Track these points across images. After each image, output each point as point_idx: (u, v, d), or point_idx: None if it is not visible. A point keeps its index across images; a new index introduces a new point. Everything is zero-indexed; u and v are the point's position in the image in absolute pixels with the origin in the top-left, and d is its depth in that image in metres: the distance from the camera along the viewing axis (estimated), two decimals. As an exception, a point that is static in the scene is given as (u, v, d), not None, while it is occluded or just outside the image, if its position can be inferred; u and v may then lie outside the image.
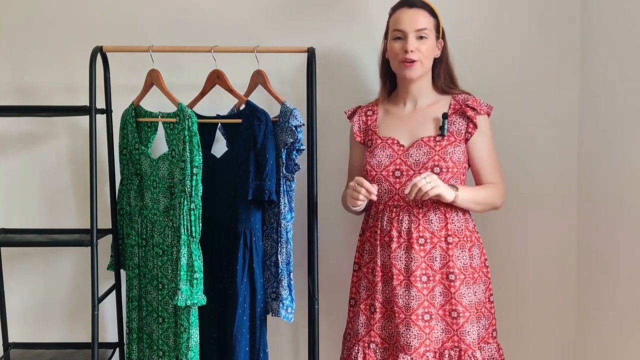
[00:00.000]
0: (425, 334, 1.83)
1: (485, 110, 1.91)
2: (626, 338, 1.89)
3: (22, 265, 2.28)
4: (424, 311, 1.83)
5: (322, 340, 2.00)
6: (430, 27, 1.85)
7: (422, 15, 1.85)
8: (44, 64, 2.21)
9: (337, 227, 2.23)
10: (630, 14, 1.86)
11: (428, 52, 1.85)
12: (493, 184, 1.92)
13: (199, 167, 1.84)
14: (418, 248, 1.84)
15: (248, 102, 1.93)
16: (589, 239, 2.14)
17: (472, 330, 1.85)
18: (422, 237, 1.85)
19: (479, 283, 1.90)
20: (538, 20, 2.17)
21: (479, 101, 1.91)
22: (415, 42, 1.83)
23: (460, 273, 1.85)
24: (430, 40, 1.85)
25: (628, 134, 1.87)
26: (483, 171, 1.92)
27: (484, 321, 1.91)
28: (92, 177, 1.93)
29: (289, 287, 1.94)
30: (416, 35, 1.83)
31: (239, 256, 1.88)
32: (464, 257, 1.86)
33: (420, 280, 1.83)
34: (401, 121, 1.92)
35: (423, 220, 1.85)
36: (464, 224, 1.88)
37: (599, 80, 2.06)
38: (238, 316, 1.87)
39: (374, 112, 1.98)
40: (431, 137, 1.87)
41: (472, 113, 1.87)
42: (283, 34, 2.17)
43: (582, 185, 2.19)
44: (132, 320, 2.06)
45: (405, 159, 1.87)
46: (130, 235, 2.05)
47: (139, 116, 2.01)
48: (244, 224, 1.90)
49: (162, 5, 2.19)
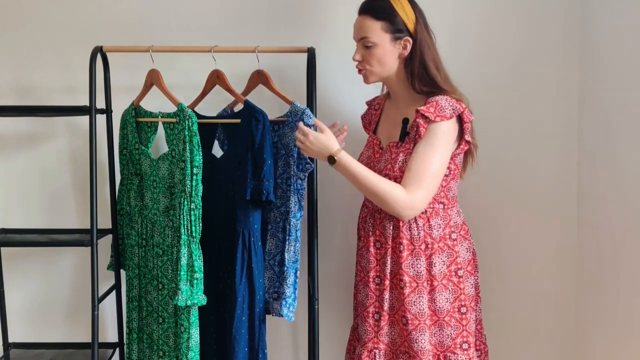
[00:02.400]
0: (374, 332, 1.85)
1: (434, 117, 1.71)
2: (627, 339, 1.89)
3: (22, 265, 2.28)
4: (374, 310, 1.86)
5: (322, 340, 2.00)
6: (376, 32, 1.76)
7: (364, 23, 1.78)
8: (44, 64, 2.21)
9: (338, 227, 2.23)
10: (630, 14, 1.86)
11: (376, 58, 1.78)
12: (399, 186, 1.73)
13: (199, 167, 1.84)
14: (374, 251, 1.86)
15: (246, 101, 1.93)
16: (589, 239, 2.14)
17: (421, 338, 1.79)
18: (379, 241, 1.86)
19: (442, 292, 1.81)
20: (538, 20, 2.17)
21: (441, 104, 1.72)
22: (360, 51, 1.81)
23: (413, 281, 1.80)
24: (380, 46, 1.77)
25: (628, 134, 1.87)
26: (405, 175, 1.73)
27: (450, 330, 1.81)
28: (92, 177, 1.93)
29: (294, 285, 1.95)
30: (362, 44, 1.80)
31: (238, 256, 1.88)
32: (417, 265, 1.80)
33: (373, 281, 1.86)
34: (388, 121, 1.92)
35: (380, 225, 1.86)
36: (423, 231, 1.81)
37: (599, 80, 2.06)
38: (237, 316, 1.87)
39: (380, 106, 1.99)
40: (395, 143, 1.84)
41: (421, 120, 1.72)
42: (283, 34, 2.17)
43: (582, 186, 2.19)
44: (132, 320, 2.06)
45: (377, 163, 1.86)
46: (130, 235, 2.05)
47: (138, 116, 2.01)
48: (242, 225, 1.90)
49: (162, 6, 2.19)
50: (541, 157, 2.21)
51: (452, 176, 1.82)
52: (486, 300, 2.14)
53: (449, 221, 1.84)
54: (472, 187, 2.19)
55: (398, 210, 1.73)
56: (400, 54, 1.80)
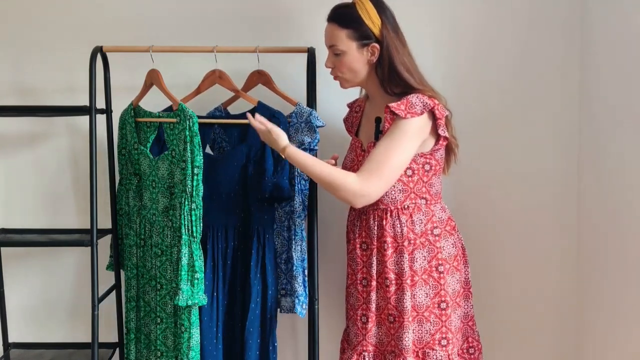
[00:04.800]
0: (362, 335, 1.87)
1: (404, 114, 1.73)
2: (626, 339, 1.89)
3: (22, 265, 2.28)
4: (362, 313, 1.87)
5: (322, 340, 2.00)
6: (342, 40, 1.78)
7: (331, 31, 1.80)
8: (44, 64, 2.21)
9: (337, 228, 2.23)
10: (630, 14, 1.86)
11: (345, 65, 1.80)
12: (352, 174, 1.75)
13: (200, 167, 1.85)
14: (360, 253, 1.88)
15: (260, 102, 1.96)
16: (589, 239, 2.15)
17: (406, 336, 1.80)
18: (365, 242, 1.87)
19: (422, 287, 1.82)
20: (538, 20, 2.17)
21: (412, 101, 1.73)
22: (331, 59, 1.83)
23: (397, 278, 1.82)
24: (348, 53, 1.78)
25: (628, 134, 1.87)
26: (364, 164, 1.76)
27: (429, 326, 1.82)
28: (92, 177, 1.93)
29: (304, 283, 1.98)
30: (331, 51, 1.83)
31: (253, 252, 1.93)
32: (401, 262, 1.81)
33: (361, 283, 1.88)
34: (368, 122, 1.93)
35: (365, 227, 1.87)
36: (406, 227, 1.81)
37: (599, 81, 2.06)
38: (251, 310, 1.93)
39: (360, 108, 1.99)
40: (372, 143, 1.86)
41: (388, 115, 1.76)
42: (283, 34, 2.17)
43: (582, 185, 2.19)
44: (130, 321, 2.06)
45: (360, 164, 1.86)
46: (128, 236, 2.05)
47: (138, 116, 2.01)
48: (257, 222, 1.94)
49: (162, 6, 2.19)
50: (541, 156, 2.21)
51: (434, 172, 1.83)
52: (485, 299, 2.14)
53: (432, 217, 1.85)
54: (472, 187, 2.19)
55: (349, 196, 1.74)
56: (368, 60, 1.81)
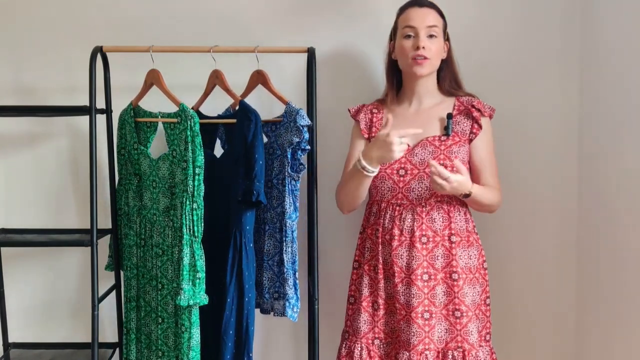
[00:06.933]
0: (424, 332, 1.84)
1: (489, 113, 1.93)
2: (626, 339, 1.89)
3: (22, 265, 2.28)
4: (424, 309, 1.84)
5: (322, 340, 2.00)
6: (440, 27, 1.88)
7: (433, 14, 1.88)
8: (44, 64, 2.21)
9: (337, 227, 2.23)
10: (631, 14, 1.86)
11: (438, 51, 1.88)
12: (494, 187, 1.91)
13: (201, 167, 1.84)
14: (420, 247, 1.85)
15: (241, 102, 1.93)
16: (589, 239, 2.15)
17: (474, 329, 1.85)
18: (425, 235, 1.86)
19: (476, 284, 1.89)
20: (538, 20, 2.17)
21: (483, 103, 1.93)
22: (426, 40, 1.85)
23: (463, 272, 1.86)
24: (440, 39, 1.88)
25: (628, 134, 1.87)
26: (483, 173, 1.91)
27: (478, 323, 1.90)
28: (92, 177, 1.93)
29: (295, 286, 1.95)
30: (427, 32, 1.85)
31: (229, 257, 1.89)
32: (465, 257, 1.87)
33: (421, 278, 1.84)
34: (406, 121, 1.92)
35: (426, 218, 1.86)
36: (464, 224, 1.89)
37: (599, 81, 2.06)
38: (225, 317, 1.88)
39: (379, 110, 1.99)
40: (436, 137, 1.89)
41: (477, 114, 1.90)
42: (283, 34, 2.17)
43: (582, 186, 2.19)
44: (130, 321, 2.05)
45: (411, 158, 1.88)
46: (128, 236, 2.05)
47: (137, 116, 2.01)
48: (235, 226, 1.89)
49: (162, 6, 2.19)
50: (541, 157, 2.21)
51: None
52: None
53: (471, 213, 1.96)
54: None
55: (496, 209, 1.95)
56: (442, 55, 1.92)
